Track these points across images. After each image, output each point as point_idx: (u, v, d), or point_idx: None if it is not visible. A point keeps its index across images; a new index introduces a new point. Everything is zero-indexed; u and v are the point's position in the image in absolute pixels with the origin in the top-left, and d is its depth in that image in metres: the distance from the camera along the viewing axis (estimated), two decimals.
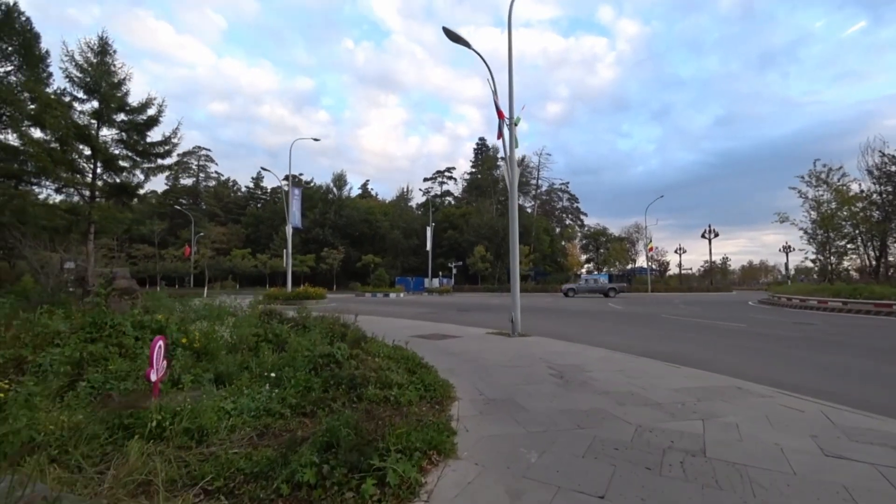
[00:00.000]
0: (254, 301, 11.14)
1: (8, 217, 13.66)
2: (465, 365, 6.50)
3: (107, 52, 19.07)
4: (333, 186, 56.27)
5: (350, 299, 30.53)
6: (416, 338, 9.53)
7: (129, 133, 18.69)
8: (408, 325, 12.45)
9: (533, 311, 18.52)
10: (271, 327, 7.28)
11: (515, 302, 10.31)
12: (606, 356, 7.36)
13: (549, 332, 11.01)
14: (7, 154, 15.73)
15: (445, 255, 53.85)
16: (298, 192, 26.47)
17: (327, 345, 6.46)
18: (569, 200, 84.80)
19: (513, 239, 10.56)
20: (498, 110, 10.52)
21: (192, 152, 68.94)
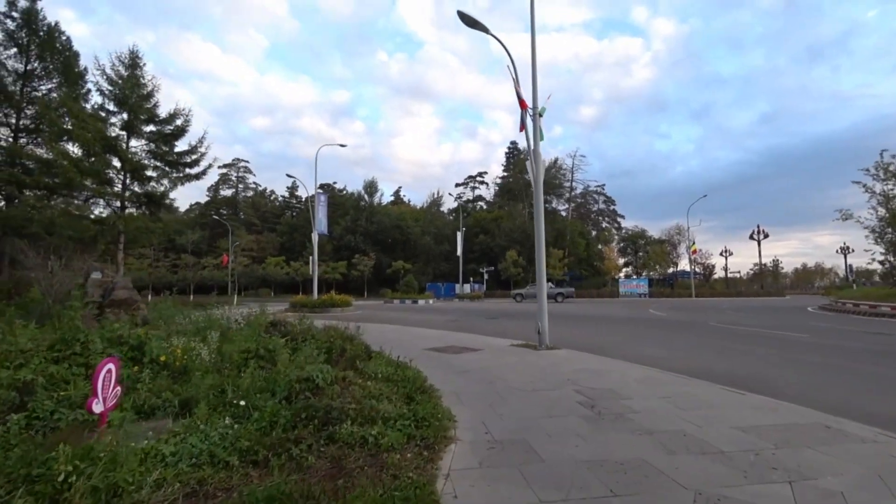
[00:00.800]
0: (259, 312, 10.64)
1: (35, 227, 14.05)
2: (477, 388, 5.56)
3: (137, 66, 19.68)
4: (365, 193, 56.70)
5: (377, 306, 30.13)
6: (430, 351, 8.68)
7: (157, 143, 19.12)
8: (427, 335, 11.62)
9: (566, 319, 17.22)
10: (264, 342, 6.63)
11: (542, 310, 9.25)
12: (648, 376, 6.20)
13: (583, 344, 9.85)
14: (42, 166, 16.31)
15: (477, 260, 52.77)
16: (325, 198, 26.41)
17: (321, 363, 5.73)
18: (605, 203, 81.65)
19: (539, 240, 9.52)
20: (520, 99, 9.56)
21: (232, 164, 71.76)
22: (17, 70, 20.43)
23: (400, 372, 5.73)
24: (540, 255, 9.51)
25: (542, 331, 9.11)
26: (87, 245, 15.85)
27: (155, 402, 4.59)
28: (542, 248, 9.52)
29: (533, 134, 9.75)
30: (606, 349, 9.34)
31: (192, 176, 20.02)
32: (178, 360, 5.53)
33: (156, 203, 18.04)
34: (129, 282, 8.84)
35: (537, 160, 9.63)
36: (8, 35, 20.23)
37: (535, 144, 9.72)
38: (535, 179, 9.65)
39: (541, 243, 9.51)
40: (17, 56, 20.60)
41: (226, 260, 45.74)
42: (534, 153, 9.65)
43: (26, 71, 20.44)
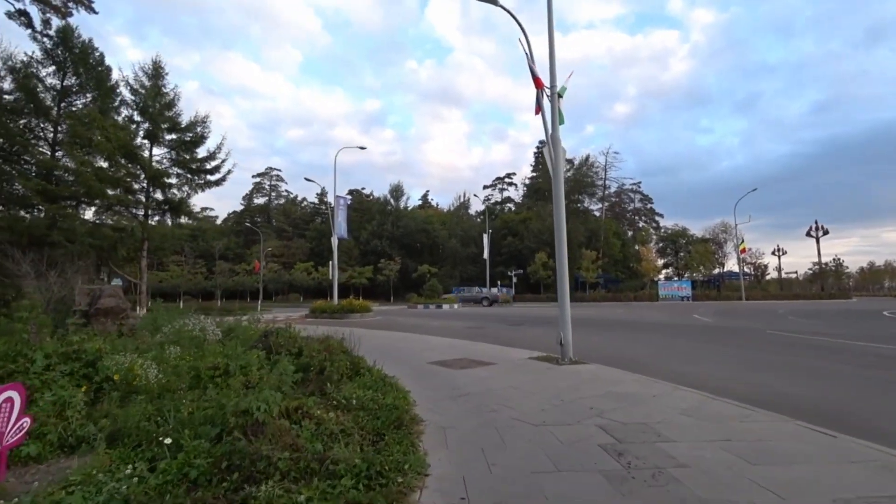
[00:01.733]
0: (256, 319, 9.96)
1: (56, 236, 14.11)
2: (473, 420, 4.43)
3: (160, 76, 19.86)
4: (391, 198, 56.51)
5: (400, 312, 29.35)
6: (434, 365, 7.61)
7: (178, 151, 19.16)
8: (439, 344, 10.55)
9: (598, 327, 15.68)
10: (237, 357, 5.78)
11: (565, 318, 7.99)
12: (697, 404, 4.87)
13: (614, 357, 8.50)
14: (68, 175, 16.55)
15: (505, 263, 51.26)
16: (344, 202, 25.97)
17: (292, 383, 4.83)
18: (641, 201, 77.99)
19: (559, 237, 8.28)
20: (534, 77, 8.39)
21: (265, 173, 73.80)
22: (55, 86, 21.18)
23: (382, 396, 4.70)
24: (560, 255, 8.26)
25: (564, 342, 7.85)
26: (107, 252, 15.91)
27: (88, 431, 3.84)
28: (563, 247, 8.27)
29: (551, 117, 8.54)
30: (642, 363, 7.95)
31: (212, 182, 20.00)
32: (133, 380, 4.79)
33: (176, 210, 18.01)
34: (117, 289, 8.31)
35: (556, 147, 8.41)
36: (46, 52, 20.99)
37: (553, 129, 8.51)
38: (554, 169, 8.42)
39: (561, 241, 8.26)
40: (55, 73, 21.39)
41: (258, 266, 46.52)
42: (552, 139, 8.43)
43: (63, 87, 21.15)
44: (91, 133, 15.83)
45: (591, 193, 59.29)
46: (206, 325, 6.28)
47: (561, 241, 8.24)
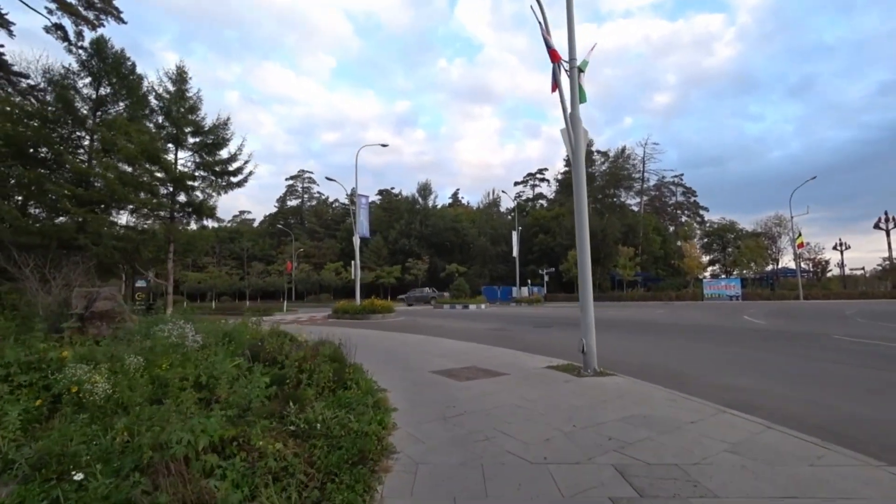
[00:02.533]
0: (256, 320, 9.51)
1: (83, 239, 14.43)
2: (456, 454, 3.61)
3: (184, 80, 20.18)
4: (419, 196, 56.17)
5: (424, 312, 28.76)
6: (437, 375, 6.83)
7: (201, 153, 19.39)
8: (451, 349, 9.76)
9: (632, 329, 14.36)
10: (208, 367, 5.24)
11: (587, 322, 7.00)
12: (748, 436, 3.83)
13: (648, 366, 7.42)
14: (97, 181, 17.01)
15: (537, 261, 49.69)
16: (366, 201, 25.66)
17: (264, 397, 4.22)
18: (684, 195, 73.90)
19: (580, 230, 7.28)
20: (550, 50, 7.41)
21: (298, 176, 75.55)
22: (91, 96, 22.05)
23: (356, 418, 3.98)
24: (582, 249, 7.25)
25: (586, 349, 6.86)
26: (131, 255, 16.21)
27: (15, 456, 3.35)
28: (585, 240, 7.26)
29: (570, 94, 7.54)
30: (681, 376, 6.83)
31: (235, 184, 20.13)
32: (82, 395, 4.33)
33: (198, 211, 18.19)
34: (114, 291, 8.10)
35: (576, 128, 7.40)
36: (82, 64, 21.88)
37: (572, 107, 7.50)
38: (575, 152, 7.41)
39: (582, 233, 7.25)
40: (91, 83, 22.28)
41: (289, 267, 47.44)
42: (571, 118, 7.43)
43: (98, 96, 21.98)
44: (117, 138, 16.15)
45: (629, 187, 56.51)
46: (184, 331, 5.80)
47: (582, 234, 7.24)
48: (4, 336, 5.82)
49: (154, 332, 6.12)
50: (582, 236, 7.22)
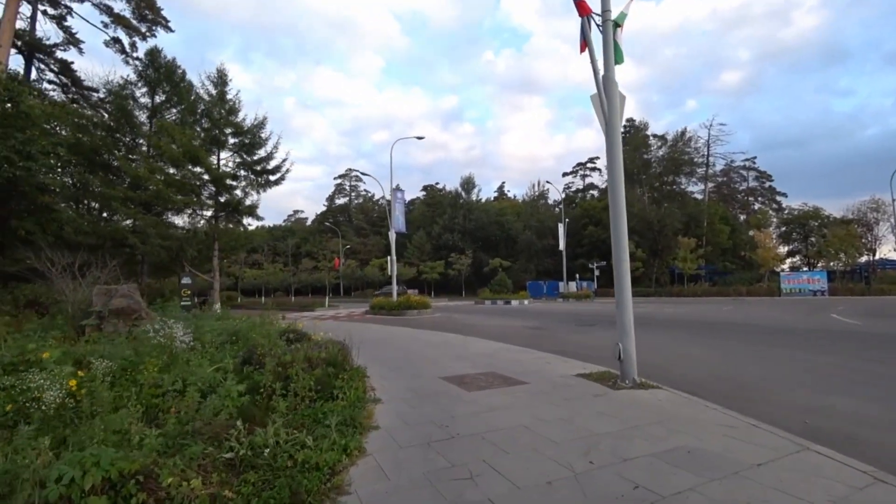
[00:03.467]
0: (269, 318, 9.20)
1: (132, 239, 15.15)
2: (425, 500, 2.77)
3: (224, 83, 20.78)
4: (462, 190, 55.31)
5: (464, 308, 27.96)
6: (448, 382, 6.01)
7: (240, 153, 19.88)
8: (476, 350, 8.90)
9: (690, 329, 12.64)
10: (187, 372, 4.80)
11: (624, 322, 5.86)
12: (851, 492, 2.65)
13: (704, 377, 6.15)
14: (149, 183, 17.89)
15: (587, 254, 47.07)
16: (401, 195, 25.29)
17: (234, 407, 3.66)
18: (757, 179, 67.21)
19: (615, 212, 6.11)
20: (577, 1, 6.26)
21: (345, 175, 77.59)
22: (147, 105, 23.47)
23: (315, 443, 3.29)
24: (617, 236, 6.08)
25: (623, 356, 5.72)
26: (175, 253, 16.87)
27: None
28: (621, 224, 6.08)
29: (604, 53, 6.35)
30: (746, 390, 5.51)
31: (272, 182, 20.48)
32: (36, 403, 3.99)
33: (236, 210, 18.64)
34: (132, 289, 8.08)
35: (611, 92, 6.22)
36: (138, 74, 23.33)
37: (606, 69, 6.32)
38: (609, 122, 6.24)
39: (618, 216, 6.08)
40: (147, 92, 23.71)
41: (337, 263, 48.60)
42: (605, 82, 6.26)
43: (153, 104, 23.34)
44: (161, 142, 16.82)
45: (690, 173, 51.91)
46: (173, 331, 5.45)
47: (618, 218, 6.06)
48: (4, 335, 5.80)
49: (138, 332, 5.82)
50: (617, 220, 6.05)
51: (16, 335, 6.16)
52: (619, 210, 6.05)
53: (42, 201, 16.51)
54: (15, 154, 15.39)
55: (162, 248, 15.88)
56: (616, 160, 6.16)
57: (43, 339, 6.43)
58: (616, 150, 6.16)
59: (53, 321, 7.42)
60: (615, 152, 6.16)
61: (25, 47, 24.15)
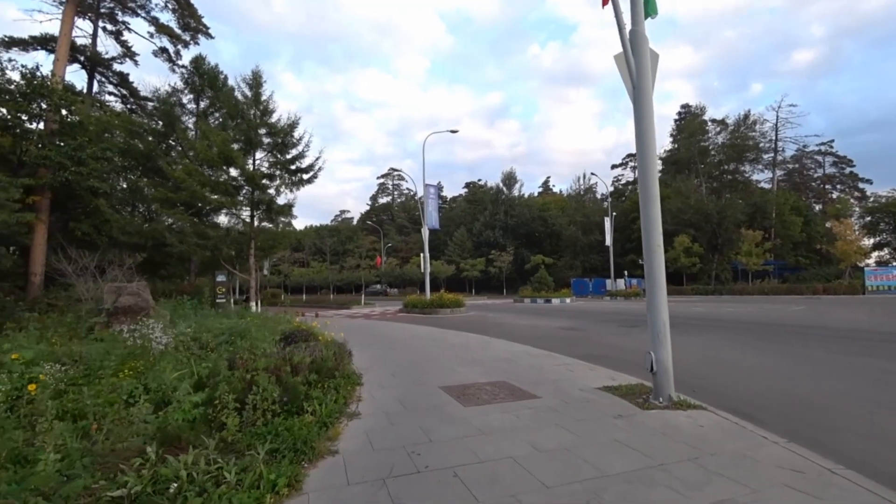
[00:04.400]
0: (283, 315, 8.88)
1: (170, 238, 15.70)
2: None
3: (259, 84, 21.20)
4: (503, 186, 53.92)
5: (502, 306, 26.94)
6: (447, 393, 5.29)
7: (273, 153, 20.17)
8: (495, 354, 8.08)
9: (750, 332, 10.99)
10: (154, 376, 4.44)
11: (657, 328, 4.84)
12: None
13: (760, 390, 5.01)
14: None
15: (636, 250, 44.16)
16: (434, 191, 24.70)
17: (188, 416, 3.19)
18: (835, 165, 60.20)
19: (647, 197, 5.07)
20: None
21: (388, 174, 78.56)
22: (193, 110, 24.58)
23: (234, 477, 2.69)
24: (648, 223, 5.03)
25: (656, 368, 4.71)
26: (211, 252, 17.34)
27: None
28: (653, 211, 5.03)
29: (631, 4, 5.34)
30: (821, 414, 4.31)
31: (305, 181, 20.61)
32: None
33: (269, 208, 18.85)
34: (141, 287, 8.06)
35: (640, 50, 5.20)
36: (184, 81, 24.47)
37: (634, 23, 5.30)
38: (637, 85, 5.22)
39: (648, 200, 5.04)
40: (193, 98, 24.83)
41: (379, 261, 49.12)
42: (632, 38, 5.23)
43: (198, 109, 24.39)
44: (197, 144, 17.33)
45: (755, 160, 47.24)
46: (149, 333, 5.16)
47: (649, 200, 5.03)
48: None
49: (108, 334, 5.55)
50: (648, 203, 5.01)
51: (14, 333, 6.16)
52: (651, 192, 5.02)
53: (95, 204, 17.63)
54: (68, 159, 16.44)
55: (198, 246, 16.34)
56: (646, 132, 5.11)
57: (44, 338, 6.43)
58: (646, 120, 5.12)
59: (62, 319, 7.53)
60: (645, 122, 5.12)
61: (87, 62, 26.10)
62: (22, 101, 16.00)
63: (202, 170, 17.48)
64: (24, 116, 16.45)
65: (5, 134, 15.27)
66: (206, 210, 18.81)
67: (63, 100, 17.86)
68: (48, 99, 17.51)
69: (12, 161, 15.37)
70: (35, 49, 23.23)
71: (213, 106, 24.32)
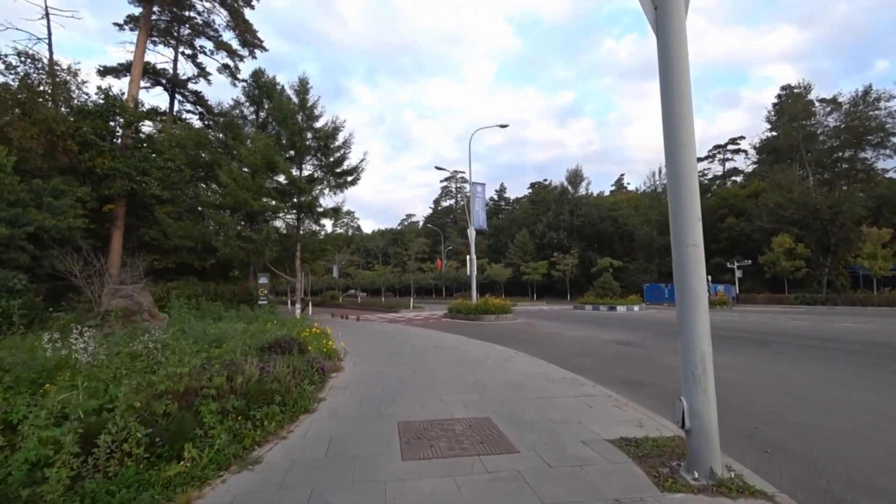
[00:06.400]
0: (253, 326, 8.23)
1: (216, 241, 16.27)
2: None
3: (306, 91, 21.64)
4: (568, 185, 50.55)
5: (557, 313, 24.68)
6: (402, 430, 4.10)
7: (318, 156, 20.35)
8: (505, 376, 6.68)
9: (866, 357, 8.21)
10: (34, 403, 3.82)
11: (692, 361, 3.20)
12: None
13: (876, 456, 3.07)
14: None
15: (725, 252, 38.82)
16: (481, 189, 23.36)
17: None
18: None
19: (677, 172, 3.43)
20: None
21: (451, 177, 78.34)
22: (253, 121, 25.94)
23: None
24: (679, 206, 3.42)
25: (689, 422, 3.10)
26: (253, 255, 17.75)
27: None
28: (687, 189, 3.39)
29: None
30: None
31: (349, 183, 20.54)
32: None
33: (311, 210, 18.93)
34: (136, 289, 7.91)
35: None
36: (245, 94, 25.89)
37: None
38: (661, 7, 3.62)
39: (679, 176, 3.42)
40: (255, 110, 26.21)
41: (439, 264, 48.70)
42: None
43: (257, 119, 25.66)
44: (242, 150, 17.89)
45: (879, 144, 39.10)
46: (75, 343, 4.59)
47: (680, 175, 3.42)
48: None
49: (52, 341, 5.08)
50: (679, 179, 3.41)
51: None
52: (683, 168, 3.40)
53: (162, 211, 19.01)
54: (134, 171, 17.82)
55: (241, 249, 16.77)
56: (675, 77, 3.50)
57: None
58: (675, 61, 3.51)
59: (57, 322, 7.57)
60: (674, 64, 3.51)
61: (169, 84, 28.80)
62: (99, 120, 17.67)
63: (245, 174, 17.93)
64: (103, 132, 18.13)
65: (84, 150, 16.90)
66: (258, 215, 19.35)
67: (133, 116, 19.58)
68: (122, 116, 19.27)
69: (79, 171, 16.71)
70: (125, 76, 26.07)
71: (272, 115, 25.37)
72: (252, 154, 17.47)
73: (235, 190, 16.07)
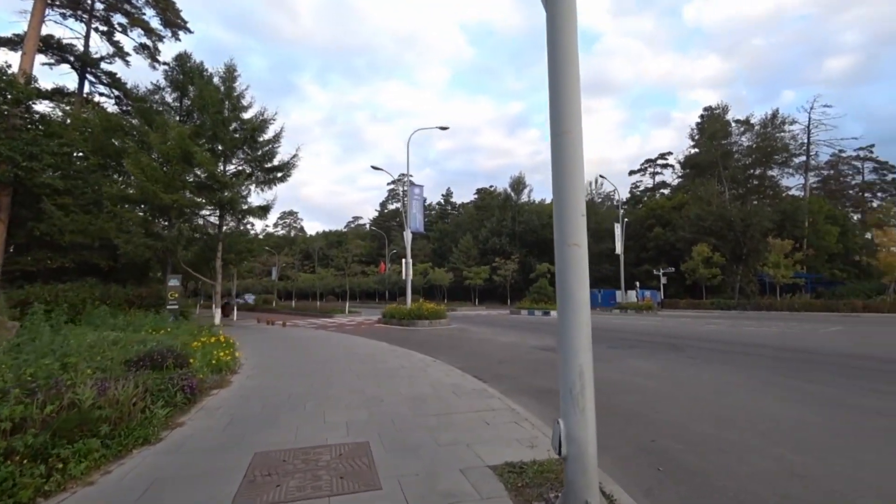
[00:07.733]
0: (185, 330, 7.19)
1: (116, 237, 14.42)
2: None
3: (233, 79, 20.05)
4: (511, 191, 51.67)
5: (493, 319, 24.76)
6: (250, 469, 3.39)
7: (243, 149, 18.83)
8: (412, 389, 6.15)
9: (770, 360, 8.63)
10: None
11: (569, 377, 2.79)
12: None
13: (770, 470, 2.86)
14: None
15: (652, 259, 41.30)
16: (419, 191, 22.97)
17: None
18: (876, 172, 55.68)
19: (562, 162, 3.06)
20: None
21: (398, 180, 77.48)
22: (178, 108, 23.63)
23: None
24: (563, 203, 3.04)
25: (565, 448, 2.69)
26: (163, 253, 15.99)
27: None
28: (572, 185, 3.02)
29: None
30: None
31: (278, 179, 19.22)
32: None
33: (232, 207, 17.41)
34: None
35: None
36: (169, 79, 23.53)
37: None
38: None
39: (564, 169, 3.04)
40: (178, 97, 23.90)
41: (383, 268, 47.61)
42: None
43: (181, 107, 23.40)
44: (150, 136, 16.15)
45: (784, 163, 43.69)
46: None
47: (565, 167, 3.04)
48: None
49: None
50: (564, 173, 3.04)
51: None
52: (568, 150, 3.03)
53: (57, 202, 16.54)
54: (19, 154, 15.41)
55: (147, 247, 14.99)
56: (562, 55, 3.14)
57: None
58: (563, 36, 3.14)
59: None
60: (562, 39, 3.14)
61: (78, 62, 25.61)
62: None
63: (156, 164, 16.11)
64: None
65: None
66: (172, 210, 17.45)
67: (23, 93, 17.00)
68: (9, 92, 16.67)
69: None
70: (17, 49, 22.77)
71: (196, 104, 23.31)
72: (164, 143, 15.73)
73: (143, 181, 14.31)
